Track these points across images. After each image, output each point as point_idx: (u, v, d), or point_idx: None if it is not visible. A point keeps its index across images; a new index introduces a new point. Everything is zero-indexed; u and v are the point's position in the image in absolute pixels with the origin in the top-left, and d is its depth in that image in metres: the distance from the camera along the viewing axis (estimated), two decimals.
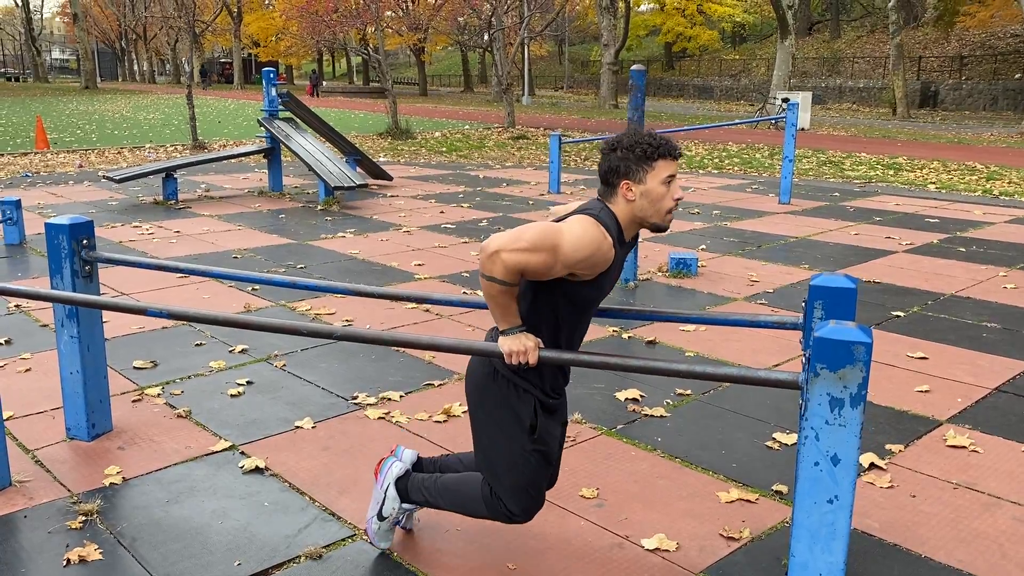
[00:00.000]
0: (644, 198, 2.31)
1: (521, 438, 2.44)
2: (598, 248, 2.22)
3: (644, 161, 2.29)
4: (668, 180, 2.31)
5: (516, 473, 2.48)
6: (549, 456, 2.52)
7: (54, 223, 3.40)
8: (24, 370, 4.46)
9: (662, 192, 2.31)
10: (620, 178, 2.31)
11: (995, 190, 11.83)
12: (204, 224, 8.75)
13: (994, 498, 3.23)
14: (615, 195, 2.34)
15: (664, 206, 2.33)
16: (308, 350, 4.80)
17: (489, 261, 2.20)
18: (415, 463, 2.86)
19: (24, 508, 3.08)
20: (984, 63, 33.56)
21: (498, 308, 2.27)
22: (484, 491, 2.56)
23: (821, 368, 2.00)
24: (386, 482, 2.77)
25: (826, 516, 2.08)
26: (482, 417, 2.50)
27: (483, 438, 2.52)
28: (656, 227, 2.38)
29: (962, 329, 5.36)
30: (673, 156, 2.32)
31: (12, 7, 74.55)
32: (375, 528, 2.79)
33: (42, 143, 16.04)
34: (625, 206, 2.33)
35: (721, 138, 20.21)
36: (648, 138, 2.30)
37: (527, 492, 2.50)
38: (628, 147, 2.30)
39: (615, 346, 4.98)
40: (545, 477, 2.54)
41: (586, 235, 2.21)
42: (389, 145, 17.83)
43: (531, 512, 2.55)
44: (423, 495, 2.71)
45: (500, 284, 2.22)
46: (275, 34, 50.13)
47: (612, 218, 2.32)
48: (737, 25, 46.79)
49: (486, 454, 2.52)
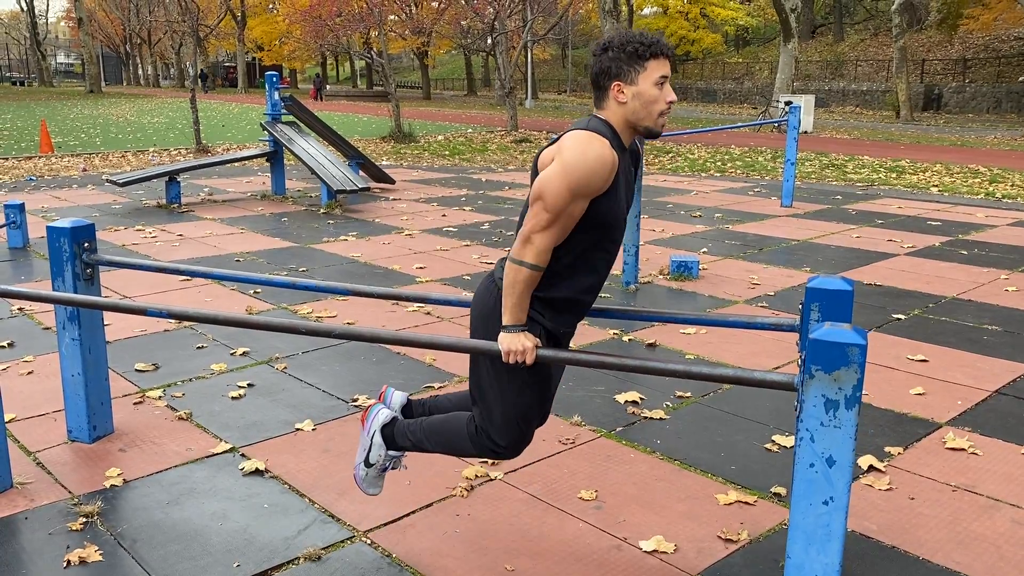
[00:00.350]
0: (636, 100, 2.26)
1: (520, 369, 2.40)
2: (601, 160, 2.18)
3: (636, 61, 2.25)
4: (661, 81, 2.27)
5: (510, 403, 2.45)
6: (546, 389, 2.50)
7: (56, 226, 3.42)
8: (26, 372, 4.48)
9: (654, 94, 2.27)
10: (611, 79, 2.28)
11: (998, 193, 11.82)
12: (207, 228, 8.78)
13: (993, 500, 3.23)
14: (606, 99, 2.30)
15: (656, 108, 2.28)
16: (309, 352, 4.82)
17: (521, 246, 2.22)
18: (404, 405, 2.85)
19: (25, 510, 3.09)
20: (987, 66, 33.54)
21: (515, 298, 2.27)
22: (469, 428, 2.55)
23: (816, 370, 2.00)
24: (372, 429, 2.76)
25: (822, 517, 2.09)
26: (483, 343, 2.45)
27: (481, 366, 2.49)
28: (649, 131, 2.32)
29: (963, 332, 5.35)
30: (665, 55, 2.28)
31: (17, 11, 74.82)
32: (362, 474, 2.79)
33: (46, 147, 16.10)
34: (617, 109, 2.29)
35: (724, 141, 20.22)
36: (640, 37, 2.26)
37: (517, 425, 2.48)
38: (619, 46, 2.26)
39: (616, 348, 4.99)
40: (538, 412, 2.53)
41: (588, 153, 2.18)
42: (392, 148, 17.86)
43: (518, 446, 2.53)
44: (408, 439, 2.70)
45: (529, 268, 2.23)
46: (279, 38, 50.25)
47: (605, 125, 2.28)
48: (740, 28, 46.84)
49: (481, 382, 2.50)
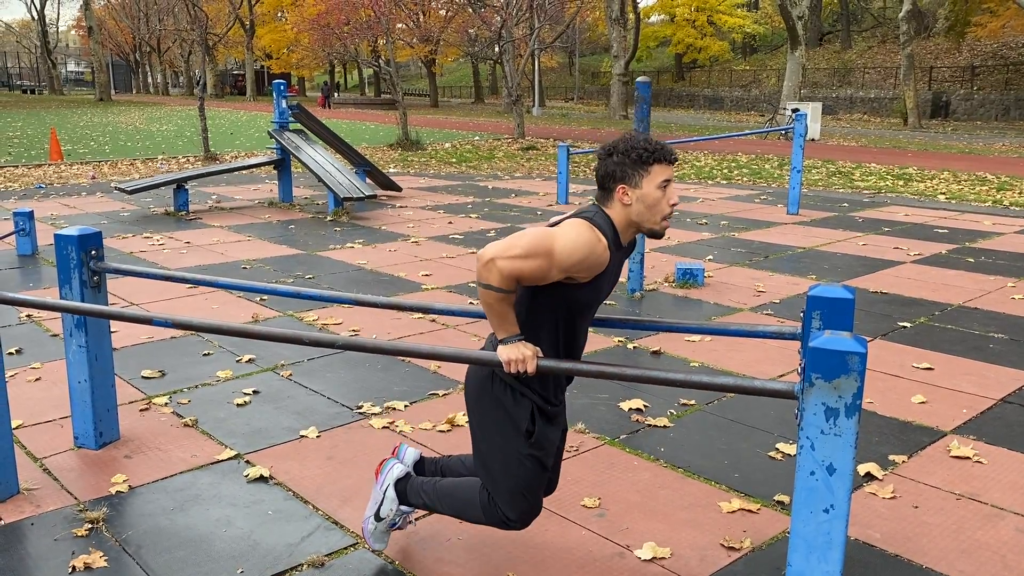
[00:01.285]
0: (640, 203, 2.32)
1: (517, 442, 2.45)
2: (592, 250, 2.24)
3: (640, 166, 2.31)
4: (664, 185, 2.32)
5: (512, 478, 2.49)
6: (545, 462, 2.53)
7: (63, 234, 3.45)
8: (34, 379, 4.51)
9: (658, 197, 2.32)
10: (616, 183, 2.33)
11: (1005, 200, 11.79)
12: (214, 235, 8.82)
13: (997, 509, 3.23)
14: (611, 199, 2.36)
15: (660, 211, 2.34)
16: (314, 360, 4.83)
17: (485, 269, 2.22)
18: (417, 462, 2.88)
19: (31, 515, 3.11)
20: (996, 73, 33.46)
21: (496, 316, 2.29)
22: (482, 497, 2.57)
23: (816, 378, 2.00)
24: (386, 483, 2.78)
25: (822, 526, 2.09)
26: (480, 420, 2.51)
27: (481, 442, 2.53)
28: (652, 232, 2.39)
29: (969, 340, 5.34)
30: (669, 161, 2.33)
31: (28, 20, 75.38)
32: (371, 528, 2.80)
33: (56, 155, 16.21)
34: (621, 210, 2.35)
35: (731, 148, 20.22)
36: (644, 143, 2.31)
37: (523, 497, 2.51)
38: (624, 152, 2.32)
39: (620, 356, 4.99)
40: (542, 483, 2.55)
41: (580, 238, 2.23)
42: (399, 156, 17.92)
43: (527, 518, 2.56)
44: (422, 498, 2.73)
45: (497, 292, 2.24)
46: (287, 46, 50.51)
47: (608, 221, 2.34)
48: (747, 36, 46.86)
49: (483, 458, 2.53)
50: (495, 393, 2.45)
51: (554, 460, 2.62)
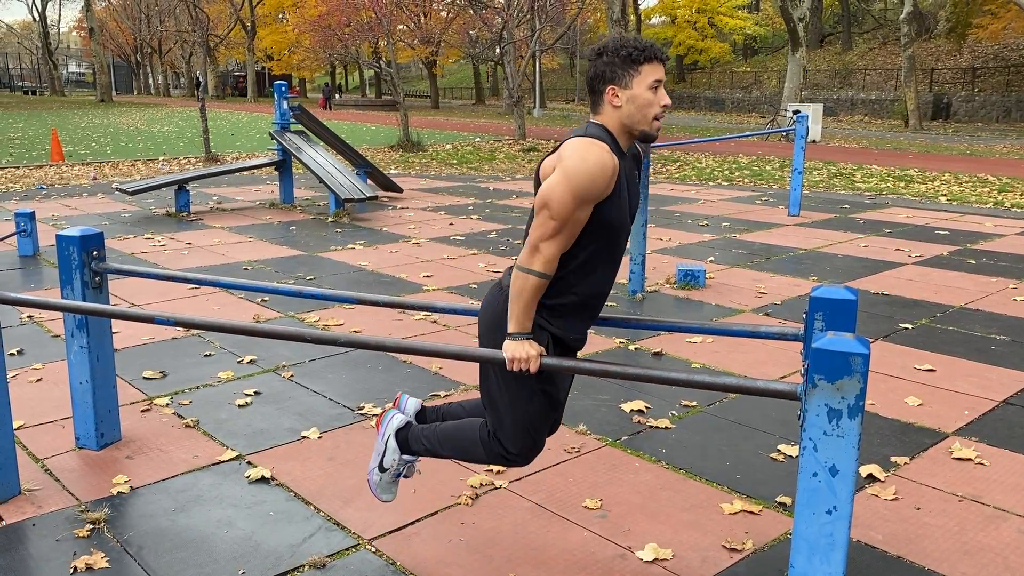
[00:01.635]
0: (631, 104, 2.29)
1: (529, 375, 2.40)
2: (601, 165, 2.21)
3: (630, 65, 2.27)
4: (655, 85, 2.29)
5: (520, 410, 2.46)
6: (555, 397, 2.51)
7: (65, 235, 3.45)
8: (35, 380, 4.51)
9: (648, 98, 2.29)
10: (606, 84, 2.30)
11: (1006, 202, 11.79)
12: (215, 236, 8.82)
13: (999, 511, 3.22)
14: (602, 104, 2.33)
15: (651, 112, 2.30)
16: (316, 361, 4.83)
17: (529, 254, 2.24)
18: (419, 412, 2.87)
19: (33, 516, 3.11)
20: (996, 75, 33.46)
21: (520, 305, 2.28)
22: (482, 434, 2.56)
23: (819, 379, 2.00)
24: (386, 433, 2.78)
25: (825, 527, 2.08)
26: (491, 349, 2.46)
27: (491, 375, 2.50)
28: (644, 135, 2.35)
29: (970, 341, 5.34)
30: (659, 59, 2.30)
31: (30, 21, 75.46)
32: (376, 479, 2.80)
33: (57, 156, 16.22)
34: (612, 113, 2.31)
35: (732, 150, 20.22)
36: (633, 41, 2.28)
37: (528, 433, 2.49)
38: (613, 51, 2.28)
39: (622, 357, 4.99)
40: (548, 420, 2.53)
41: (586, 162, 2.20)
42: (400, 157, 17.92)
43: (529, 454, 2.54)
44: (423, 444, 2.72)
45: (537, 276, 2.25)
46: (288, 48, 50.53)
47: (602, 129, 2.31)
48: (748, 38, 46.86)
49: (491, 390, 2.51)
50: None
51: (564, 397, 2.60)
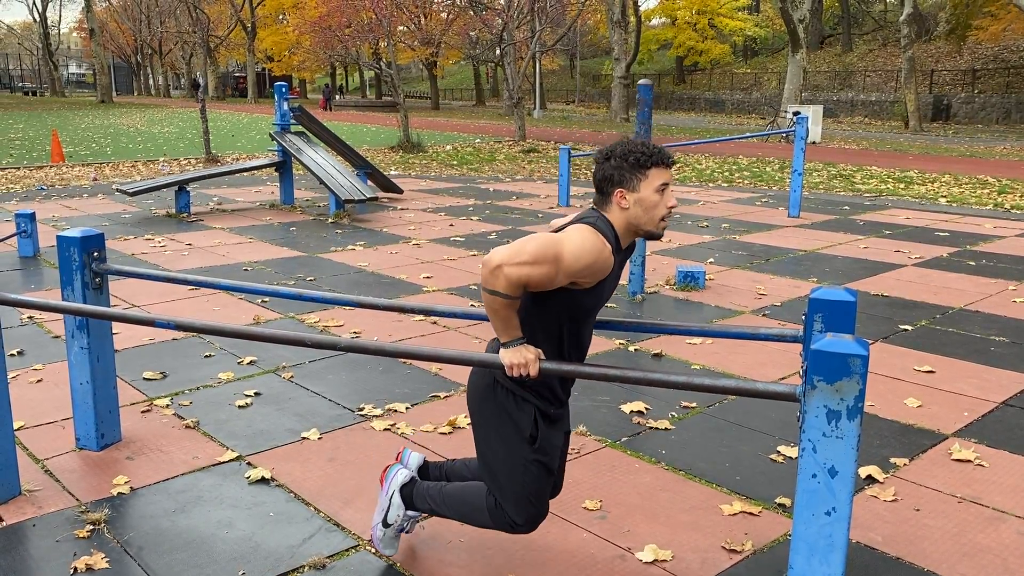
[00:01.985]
0: (638, 206, 2.34)
1: (521, 448, 2.46)
2: (598, 255, 2.25)
3: (638, 169, 2.32)
4: (662, 188, 2.34)
5: (517, 483, 2.49)
6: (550, 466, 2.53)
7: (65, 235, 3.45)
8: (36, 381, 4.51)
9: (656, 200, 2.34)
10: (614, 187, 2.34)
11: (1006, 204, 11.79)
12: (216, 237, 8.83)
13: (999, 512, 3.23)
14: (610, 203, 2.37)
15: (658, 214, 2.35)
16: (316, 362, 4.84)
17: (491, 275, 2.22)
18: (421, 467, 2.88)
19: (33, 517, 3.11)
20: (996, 76, 33.48)
21: (499, 321, 2.29)
22: (488, 501, 2.57)
23: (818, 380, 2.01)
24: (391, 489, 2.79)
25: (824, 528, 2.09)
26: (483, 427, 2.52)
27: (485, 448, 2.54)
28: (650, 235, 2.40)
29: (970, 343, 5.34)
30: (666, 164, 2.35)
31: (30, 22, 75.46)
32: (380, 535, 2.81)
33: (57, 157, 16.22)
34: (620, 214, 2.36)
35: (732, 151, 20.22)
36: (641, 147, 2.33)
37: (529, 502, 2.52)
38: (622, 156, 2.33)
39: (621, 359, 4.99)
40: (547, 487, 2.55)
41: (586, 243, 2.25)
42: (400, 158, 17.93)
43: (535, 522, 2.56)
44: (428, 503, 2.73)
45: (503, 298, 2.24)
46: (288, 49, 50.51)
47: (608, 226, 2.35)
48: (749, 39, 46.87)
49: (488, 464, 2.54)
50: (498, 399, 2.46)
51: (558, 463, 2.62)
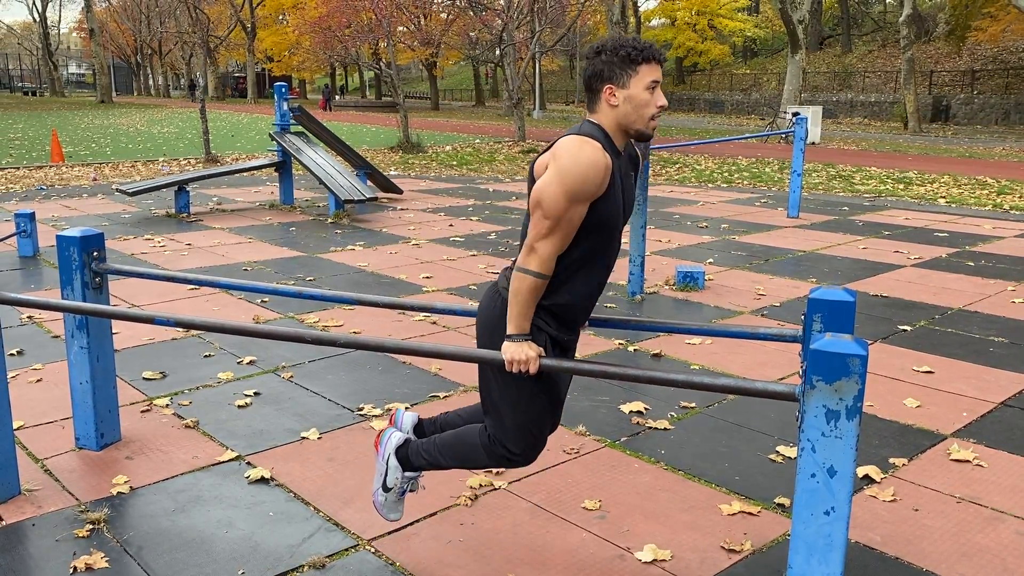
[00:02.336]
0: (627, 103, 2.30)
1: (530, 376, 2.41)
2: (594, 164, 2.21)
3: (627, 65, 2.28)
4: (652, 86, 2.30)
5: (521, 412, 2.48)
6: (556, 396, 2.52)
7: (65, 235, 3.45)
8: (35, 380, 4.51)
9: (646, 98, 2.30)
10: (603, 82, 2.31)
11: (1005, 204, 11.80)
12: (215, 237, 8.83)
13: (997, 512, 3.23)
14: (598, 102, 2.33)
15: (647, 112, 2.31)
16: (316, 361, 4.84)
17: (526, 255, 2.26)
18: (416, 425, 2.87)
19: (32, 516, 3.12)
20: (996, 77, 33.50)
21: (519, 306, 2.29)
22: (482, 438, 2.57)
23: (817, 380, 2.01)
24: (386, 452, 2.78)
25: (823, 528, 2.09)
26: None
27: (490, 377, 2.51)
28: (640, 134, 2.35)
29: (969, 343, 5.35)
30: (657, 60, 2.31)
31: (30, 22, 75.47)
32: (381, 500, 2.80)
33: (57, 156, 16.22)
34: (608, 112, 2.32)
35: (731, 152, 20.23)
36: (632, 42, 2.29)
37: (530, 432, 2.51)
38: (612, 50, 2.29)
39: (621, 358, 5.00)
40: (550, 418, 2.55)
41: (581, 157, 2.21)
42: (400, 159, 17.93)
43: (532, 453, 2.56)
44: (423, 458, 2.72)
45: (534, 277, 2.26)
46: (288, 49, 50.52)
47: (597, 128, 2.32)
48: (748, 40, 46.92)
49: (492, 392, 2.51)
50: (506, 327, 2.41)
51: (564, 394, 2.61)
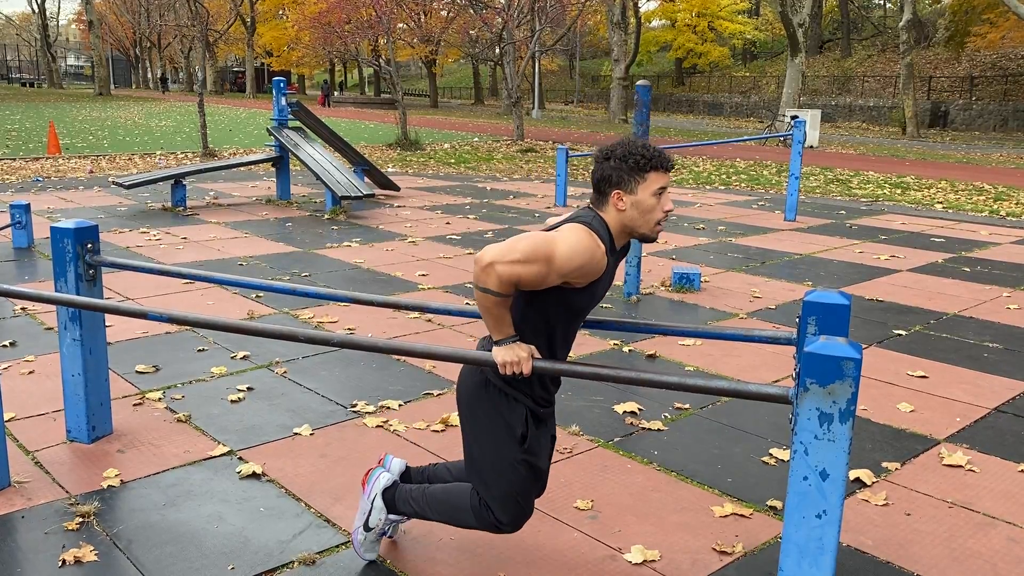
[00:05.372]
0: (634, 208, 2.33)
1: (511, 447, 2.45)
2: (591, 256, 2.24)
3: (636, 172, 2.31)
4: (659, 192, 2.33)
5: (505, 482, 2.48)
6: (538, 466, 2.53)
7: (59, 227, 3.44)
8: (27, 372, 4.50)
9: (652, 204, 2.33)
10: (612, 188, 2.33)
11: (1002, 211, 11.82)
12: (211, 231, 8.81)
13: (989, 518, 3.23)
14: (606, 204, 2.36)
15: (653, 218, 2.35)
16: (309, 358, 4.83)
17: (483, 273, 2.21)
18: (403, 473, 2.87)
19: (22, 508, 3.10)
20: (994, 84, 33.56)
21: (492, 319, 2.29)
22: (473, 501, 2.56)
23: (811, 383, 2.00)
24: (373, 492, 2.77)
25: (814, 531, 2.09)
26: (472, 426, 2.51)
27: (473, 447, 2.53)
28: (645, 237, 2.40)
29: (963, 349, 5.35)
30: (665, 168, 2.34)
31: (29, 14, 75.26)
32: (361, 539, 2.79)
33: (54, 148, 16.18)
34: (615, 215, 2.35)
35: (729, 154, 20.24)
36: (641, 149, 2.31)
37: (516, 501, 2.51)
38: (621, 157, 2.32)
39: (615, 359, 4.99)
40: (534, 487, 2.55)
41: (580, 244, 2.23)
42: (398, 156, 17.91)
43: (519, 522, 2.55)
44: (411, 506, 2.72)
45: (495, 296, 2.23)
46: (288, 44, 50.44)
47: (603, 226, 2.34)
48: (748, 42, 46.96)
49: (475, 463, 2.53)
50: (489, 398, 2.45)
51: (546, 463, 2.61)
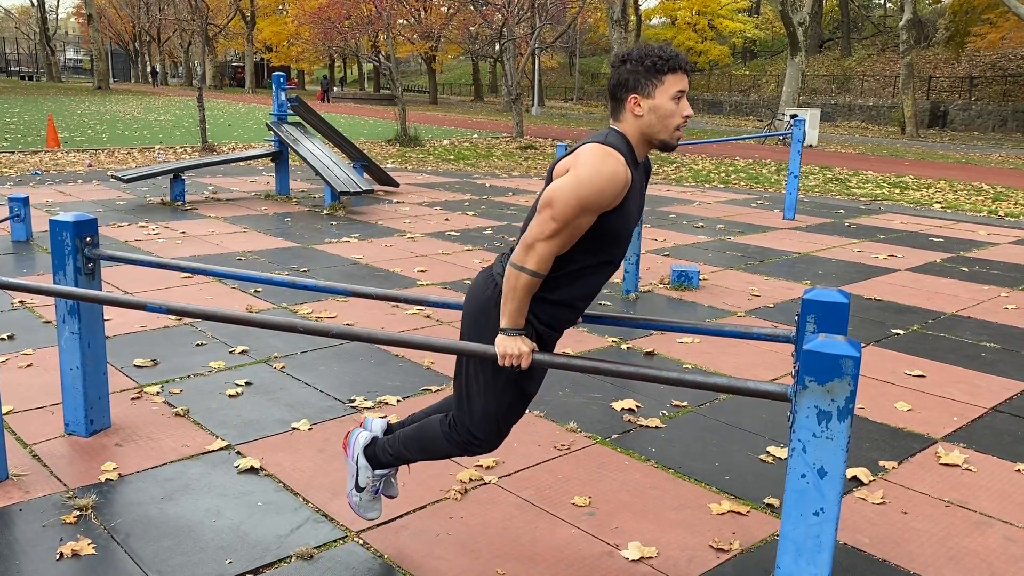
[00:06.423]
0: (652, 113, 2.27)
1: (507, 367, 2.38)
2: (614, 176, 2.19)
3: (653, 74, 2.25)
4: (678, 96, 2.27)
5: (493, 399, 2.47)
6: (528, 391, 2.52)
7: (58, 220, 3.43)
8: (25, 365, 4.49)
9: (671, 108, 2.27)
10: (628, 92, 2.28)
11: (1000, 211, 11.83)
12: (210, 226, 8.80)
13: (986, 517, 3.24)
14: (623, 111, 2.30)
15: (673, 123, 2.28)
16: (308, 352, 4.83)
17: (525, 252, 2.21)
18: (386, 430, 2.87)
19: (20, 501, 3.10)
20: (994, 84, 33.58)
21: (513, 302, 2.27)
22: (443, 427, 2.57)
23: (809, 381, 2.01)
24: (355, 452, 2.79)
25: (812, 528, 2.09)
26: (474, 338, 2.46)
27: (469, 363, 2.50)
28: (664, 144, 2.33)
29: (961, 348, 5.36)
30: (684, 70, 2.27)
31: (28, 7, 75.13)
32: (356, 500, 2.81)
33: (52, 142, 16.15)
34: (633, 122, 2.29)
35: (728, 153, 20.24)
36: (659, 50, 2.25)
37: (496, 420, 2.51)
38: (638, 59, 2.26)
39: (614, 356, 4.99)
40: (516, 412, 2.55)
41: (601, 172, 2.18)
42: (397, 152, 17.90)
43: (494, 441, 2.56)
44: (388, 453, 2.73)
45: (530, 275, 2.23)
46: (287, 39, 50.39)
47: (621, 139, 2.28)
48: (748, 41, 46.96)
49: (467, 374, 2.51)
50: (496, 314, 2.39)
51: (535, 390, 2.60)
